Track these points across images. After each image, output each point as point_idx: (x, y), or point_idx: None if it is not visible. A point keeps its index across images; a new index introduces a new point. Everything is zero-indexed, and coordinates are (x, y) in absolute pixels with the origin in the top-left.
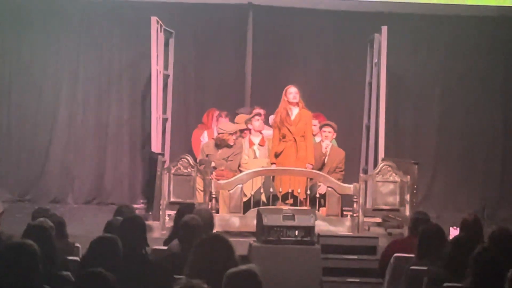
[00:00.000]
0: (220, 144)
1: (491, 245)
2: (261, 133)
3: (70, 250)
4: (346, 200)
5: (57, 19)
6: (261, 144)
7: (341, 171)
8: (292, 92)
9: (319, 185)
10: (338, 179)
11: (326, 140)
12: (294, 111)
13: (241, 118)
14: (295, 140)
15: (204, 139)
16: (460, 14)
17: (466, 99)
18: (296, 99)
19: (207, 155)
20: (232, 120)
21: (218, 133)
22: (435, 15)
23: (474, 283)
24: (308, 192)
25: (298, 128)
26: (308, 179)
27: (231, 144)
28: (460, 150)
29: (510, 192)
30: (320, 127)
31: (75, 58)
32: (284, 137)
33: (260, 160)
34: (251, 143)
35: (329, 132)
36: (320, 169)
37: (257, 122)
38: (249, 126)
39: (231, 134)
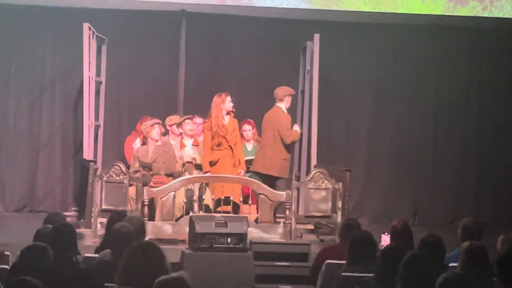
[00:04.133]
0: (145, 138)
1: (420, 251)
2: (193, 137)
3: (0, 258)
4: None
5: None
6: (194, 145)
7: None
8: (231, 102)
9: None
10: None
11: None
12: (227, 119)
13: (169, 120)
14: (231, 148)
15: (136, 146)
16: (391, 23)
17: (398, 106)
18: (232, 108)
19: (139, 160)
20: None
21: (143, 132)
22: (367, 23)
23: None
24: (241, 199)
25: (232, 136)
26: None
27: (157, 136)
28: (391, 157)
29: (441, 198)
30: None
31: (7, 64)
32: (219, 145)
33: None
34: (182, 145)
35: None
36: None
37: (188, 126)
38: (180, 131)
39: (152, 125)
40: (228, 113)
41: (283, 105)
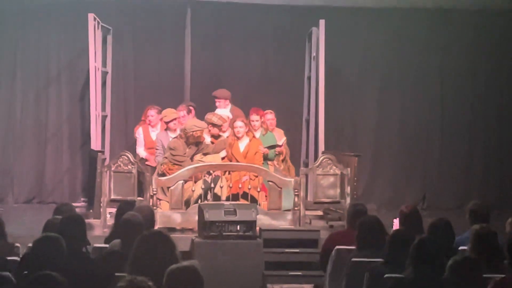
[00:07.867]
0: (193, 141)
1: (429, 235)
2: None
3: (10, 250)
4: None
5: None
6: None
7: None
8: (237, 127)
9: None
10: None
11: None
12: (244, 142)
13: (167, 112)
14: None
15: (139, 135)
16: (397, 7)
17: (404, 91)
18: (240, 134)
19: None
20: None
21: (192, 130)
22: (373, 8)
23: (415, 273)
24: (250, 187)
25: (248, 158)
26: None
27: (202, 140)
28: (399, 142)
29: (449, 182)
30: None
31: (12, 56)
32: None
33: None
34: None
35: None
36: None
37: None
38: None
39: (203, 129)
40: (243, 137)
41: None
